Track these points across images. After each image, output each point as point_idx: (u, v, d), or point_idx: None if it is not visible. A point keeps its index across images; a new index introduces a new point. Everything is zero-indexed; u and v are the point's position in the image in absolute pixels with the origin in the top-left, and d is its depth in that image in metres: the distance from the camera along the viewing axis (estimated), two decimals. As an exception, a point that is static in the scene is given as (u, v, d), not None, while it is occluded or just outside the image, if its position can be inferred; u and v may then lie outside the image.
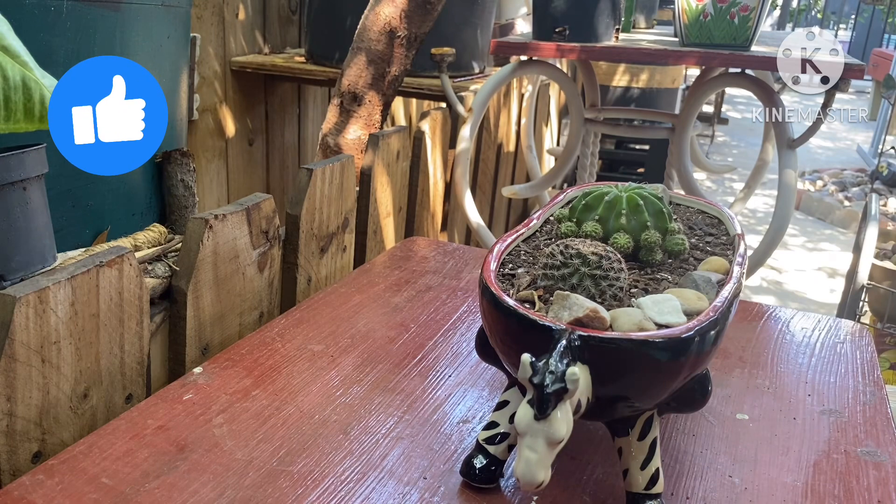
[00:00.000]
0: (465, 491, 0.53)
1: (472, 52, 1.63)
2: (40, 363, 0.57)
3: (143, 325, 0.67)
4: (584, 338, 0.43)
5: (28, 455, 0.58)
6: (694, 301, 0.49)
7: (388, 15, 1.12)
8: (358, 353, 0.72)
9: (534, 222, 0.62)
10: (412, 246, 1.03)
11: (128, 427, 0.58)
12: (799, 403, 0.67)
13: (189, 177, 0.94)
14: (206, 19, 1.47)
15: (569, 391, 0.41)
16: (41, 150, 0.69)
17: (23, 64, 0.57)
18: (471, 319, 0.80)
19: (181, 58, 0.96)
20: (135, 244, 0.81)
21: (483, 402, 0.65)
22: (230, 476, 0.53)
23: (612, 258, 0.49)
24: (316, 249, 0.93)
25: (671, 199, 0.69)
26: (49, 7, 0.73)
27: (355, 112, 1.17)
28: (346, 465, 0.55)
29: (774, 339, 0.80)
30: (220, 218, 0.74)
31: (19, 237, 0.68)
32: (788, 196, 1.36)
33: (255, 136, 1.68)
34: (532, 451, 0.42)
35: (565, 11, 1.45)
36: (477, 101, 1.48)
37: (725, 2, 1.36)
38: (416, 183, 1.37)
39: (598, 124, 1.78)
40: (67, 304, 0.58)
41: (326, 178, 0.92)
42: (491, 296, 0.48)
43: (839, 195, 3.98)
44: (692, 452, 0.59)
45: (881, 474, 0.58)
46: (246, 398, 0.63)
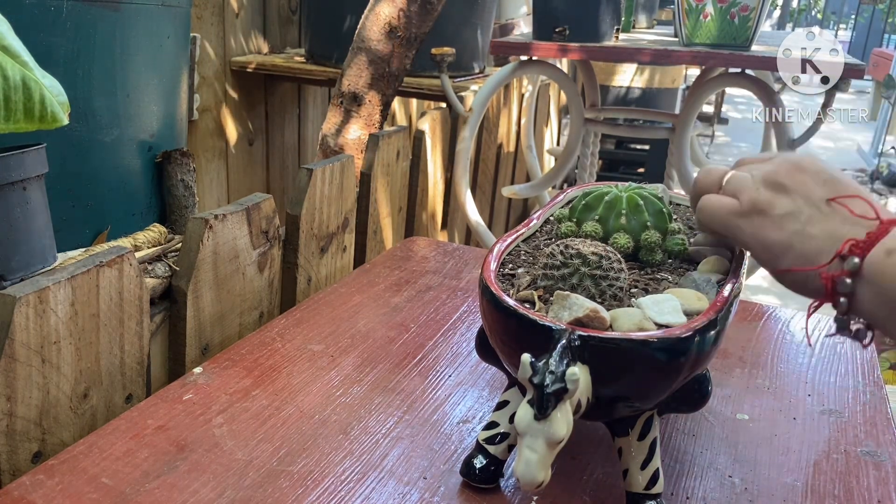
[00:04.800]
0: (465, 491, 0.53)
1: (472, 52, 1.63)
2: (40, 363, 0.57)
3: (143, 325, 0.67)
4: (584, 338, 0.43)
5: (28, 455, 0.58)
6: (694, 301, 0.49)
7: (388, 15, 1.12)
8: (358, 353, 0.72)
9: (534, 222, 0.62)
10: (412, 246, 1.03)
11: (128, 427, 0.58)
12: (799, 403, 0.67)
13: (189, 177, 0.94)
14: (206, 19, 1.47)
15: (569, 391, 0.41)
16: (41, 150, 0.69)
17: (23, 64, 0.57)
18: (471, 319, 0.80)
19: (181, 58, 0.96)
20: (135, 244, 0.81)
21: (483, 402, 0.65)
22: (230, 476, 0.53)
23: (612, 258, 0.49)
24: (316, 249, 0.93)
25: (671, 199, 0.69)
26: (49, 7, 0.73)
27: (355, 112, 1.17)
28: (346, 465, 0.55)
29: (774, 339, 0.80)
30: (220, 218, 0.74)
31: (19, 237, 0.68)
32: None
33: (255, 136, 1.68)
34: (532, 451, 0.42)
35: (565, 11, 1.45)
36: (477, 101, 1.48)
37: (725, 2, 1.36)
38: (416, 183, 1.37)
39: (598, 124, 1.78)
40: (67, 304, 0.58)
41: (326, 178, 0.92)
42: (491, 296, 0.48)
43: (839, 195, 3.98)
44: (692, 452, 0.59)
45: (881, 474, 0.58)
46: (246, 398, 0.63)
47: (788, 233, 0.45)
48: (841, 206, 0.44)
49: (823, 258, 0.44)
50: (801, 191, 0.46)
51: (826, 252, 0.44)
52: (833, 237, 0.44)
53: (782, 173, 0.47)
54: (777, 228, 0.45)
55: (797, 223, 0.45)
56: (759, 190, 0.47)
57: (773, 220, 0.46)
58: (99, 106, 0.81)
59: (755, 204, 0.47)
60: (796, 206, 0.45)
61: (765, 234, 0.46)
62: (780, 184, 0.46)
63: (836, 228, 0.44)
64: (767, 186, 0.47)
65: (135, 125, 0.87)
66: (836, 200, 0.45)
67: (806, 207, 0.45)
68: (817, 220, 0.44)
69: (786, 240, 0.45)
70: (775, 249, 0.45)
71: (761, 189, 0.47)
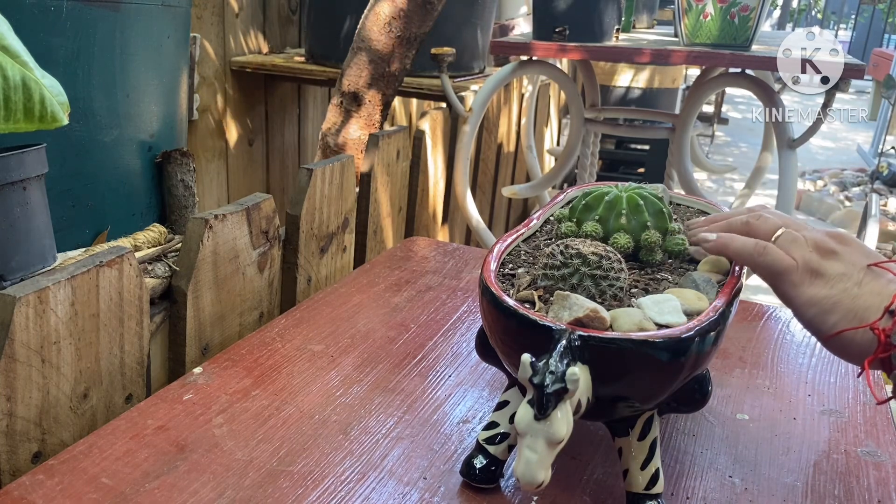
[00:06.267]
0: (465, 491, 0.53)
1: (472, 52, 1.63)
2: (40, 363, 0.57)
3: (143, 325, 0.67)
4: (584, 338, 0.43)
5: (28, 455, 0.58)
6: (694, 301, 0.49)
7: (388, 14, 1.12)
8: (358, 353, 0.72)
9: (534, 222, 0.62)
10: (412, 246, 1.03)
11: (128, 427, 0.58)
12: (799, 403, 0.67)
13: (189, 177, 0.94)
14: (206, 19, 1.47)
15: (569, 391, 0.41)
16: (41, 150, 0.69)
17: (23, 64, 0.57)
18: (471, 319, 0.80)
19: (181, 58, 0.96)
20: (135, 244, 0.81)
21: (483, 402, 0.65)
22: (230, 476, 0.53)
23: (612, 258, 0.49)
24: (316, 249, 0.93)
25: (671, 199, 0.69)
26: (49, 7, 0.73)
27: (355, 112, 1.17)
28: (346, 465, 0.55)
29: (774, 340, 0.80)
30: (220, 218, 0.74)
31: (19, 237, 0.68)
32: (789, 196, 1.36)
33: (255, 136, 1.68)
34: (532, 451, 0.42)
35: (565, 11, 1.45)
36: (477, 101, 1.48)
37: (725, 2, 1.36)
38: (416, 183, 1.37)
39: (598, 124, 1.78)
40: (67, 304, 0.58)
41: (326, 178, 0.92)
42: (491, 296, 0.48)
43: (839, 195, 3.98)
44: (692, 452, 0.59)
45: (881, 474, 0.58)
46: (246, 398, 0.63)
47: (838, 290, 0.49)
48: (883, 269, 0.50)
49: (872, 314, 0.48)
50: (849, 258, 0.51)
51: (874, 308, 0.48)
52: (881, 294, 0.48)
53: (832, 242, 0.52)
54: (828, 286, 0.50)
55: (847, 282, 0.49)
56: (812, 253, 0.51)
57: (825, 280, 0.50)
58: (99, 106, 0.81)
59: (809, 263, 0.51)
60: (846, 269, 0.50)
61: (815, 290, 0.50)
62: (831, 250, 0.51)
63: (883, 287, 0.49)
64: (819, 251, 0.51)
65: (135, 125, 0.87)
66: (878, 265, 0.50)
67: (854, 271, 0.50)
68: (864, 281, 0.49)
69: (835, 296, 0.49)
70: (824, 304, 0.49)
71: (814, 253, 0.51)
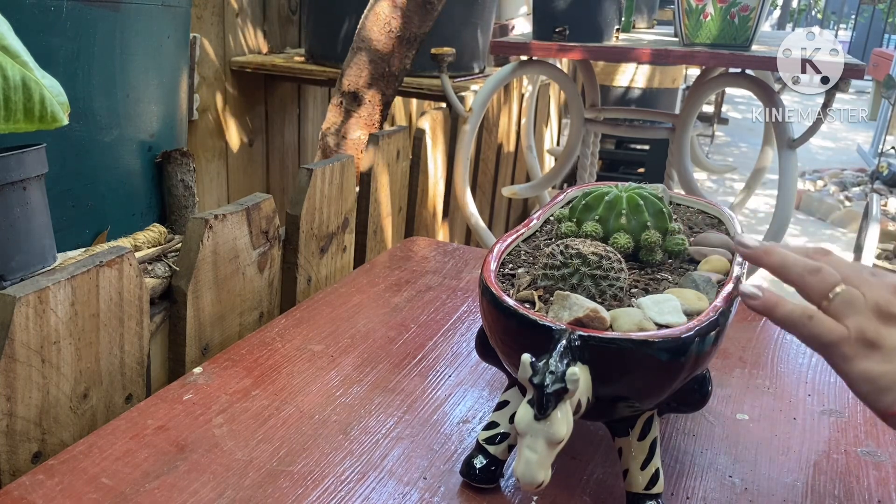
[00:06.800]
0: (465, 491, 0.53)
1: (472, 52, 1.63)
2: (40, 363, 0.57)
3: (143, 325, 0.67)
4: (584, 338, 0.43)
5: (28, 455, 0.58)
6: (694, 301, 0.49)
7: (388, 14, 1.12)
8: (358, 353, 0.72)
9: (534, 222, 0.62)
10: (412, 246, 1.03)
11: (128, 427, 0.58)
12: (799, 403, 0.67)
13: (189, 177, 0.94)
14: (206, 19, 1.47)
15: (569, 391, 0.41)
16: (41, 150, 0.69)
17: (23, 64, 0.57)
18: (471, 319, 0.80)
19: (181, 58, 0.96)
20: (135, 244, 0.81)
21: (483, 402, 0.65)
22: (230, 476, 0.53)
23: (612, 258, 0.49)
24: (316, 249, 0.93)
25: (671, 199, 0.69)
26: (49, 7, 0.73)
27: (355, 112, 1.17)
28: (346, 465, 0.55)
29: (774, 339, 0.80)
30: (220, 218, 0.74)
31: (19, 237, 0.68)
32: (789, 196, 1.36)
33: (255, 136, 1.68)
34: (532, 451, 0.42)
35: (565, 11, 1.45)
36: (477, 101, 1.48)
37: (725, 2, 1.36)
38: (416, 183, 1.37)
39: (598, 124, 1.78)
40: (67, 304, 0.58)
41: (326, 178, 0.92)
42: (491, 296, 0.48)
43: (840, 195, 3.98)
44: (692, 452, 0.59)
45: (881, 474, 0.58)
46: (246, 398, 0.63)
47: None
48: None
49: None
50: None
51: None
52: None
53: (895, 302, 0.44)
54: (886, 361, 0.43)
55: None
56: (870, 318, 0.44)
57: (882, 353, 0.43)
58: (99, 106, 0.81)
59: (864, 332, 0.43)
60: None
61: (869, 365, 0.43)
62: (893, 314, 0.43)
63: None
64: (880, 315, 0.44)
65: (135, 125, 0.87)
66: None
67: None
68: None
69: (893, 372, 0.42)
70: (881, 382, 0.43)
71: (872, 318, 0.44)
